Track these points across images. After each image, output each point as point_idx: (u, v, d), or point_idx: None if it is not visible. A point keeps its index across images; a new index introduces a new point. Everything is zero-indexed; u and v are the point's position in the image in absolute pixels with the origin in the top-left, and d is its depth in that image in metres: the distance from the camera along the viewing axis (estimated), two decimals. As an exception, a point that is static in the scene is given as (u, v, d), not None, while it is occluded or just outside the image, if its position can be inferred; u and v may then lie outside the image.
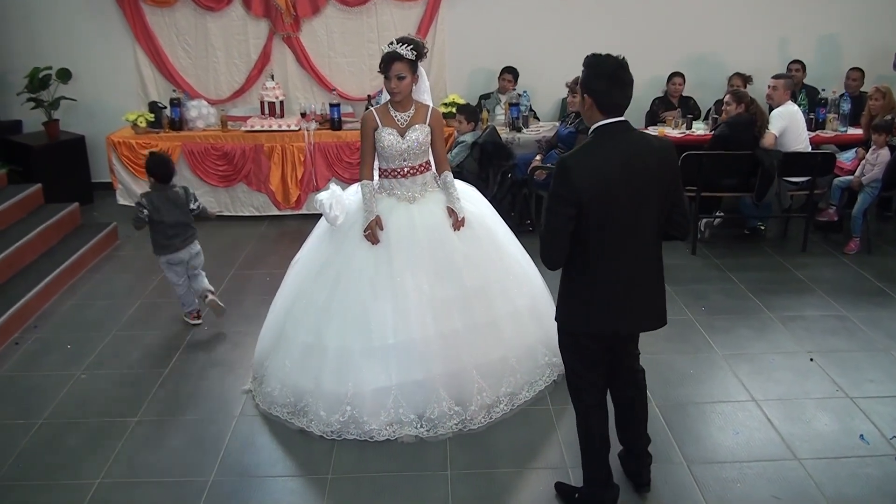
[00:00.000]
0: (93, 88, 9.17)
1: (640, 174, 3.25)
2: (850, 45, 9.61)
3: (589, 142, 3.32)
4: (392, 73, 4.49)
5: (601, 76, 3.27)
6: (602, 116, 3.29)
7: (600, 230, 3.24)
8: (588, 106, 3.32)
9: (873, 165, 7.26)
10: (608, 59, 3.29)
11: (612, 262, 3.31)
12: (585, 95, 3.31)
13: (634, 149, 3.28)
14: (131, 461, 4.28)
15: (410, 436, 4.39)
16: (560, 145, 7.77)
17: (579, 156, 3.27)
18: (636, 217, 3.28)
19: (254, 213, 8.65)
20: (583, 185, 3.17)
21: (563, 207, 3.21)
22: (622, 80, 3.28)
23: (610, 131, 3.29)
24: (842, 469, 4.08)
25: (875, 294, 6.32)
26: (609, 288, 3.35)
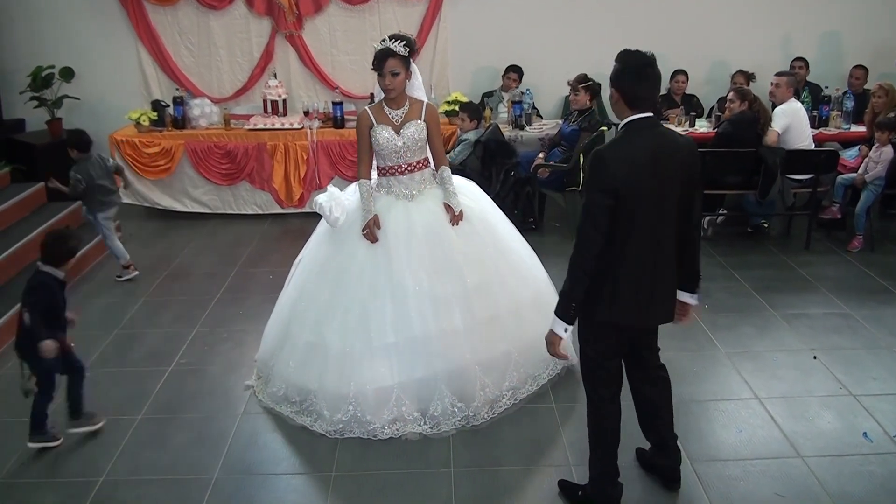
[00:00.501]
0: (96, 87, 9.19)
1: (667, 169, 3.31)
2: (853, 43, 9.61)
3: (619, 136, 3.36)
4: (386, 69, 4.49)
5: (629, 72, 3.32)
6: (630, 112, 3.34)
7: (629, 222, 3.28)
8: (616, 100, 3.36)
9: (876, 163, 7.25)
10: (637, 54, 3.34)
11: (638, 255, 3.35)
12: (613, 90, 3.36)
13: (662, 144, 3.34)
14: (135, 459, 4.29)
15: (414, 433, 4.39)
16: (563, 143, 7.77)
17: (613, 148, 3.33)
18: (661, 210, 3.33)
19: (256, 212, 8.66)
20: (618, 175, 3.22)
21: (602, 198, 3.24)
22: (649, 76, 3.32)
23: (638, 126, 3.33)
24: (845, 467, 4.07)
25: (878, 292, 6.31)
26: (635, 280, 3.37)
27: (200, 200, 8.59)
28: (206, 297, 6.43)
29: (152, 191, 8.50)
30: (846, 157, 7.91)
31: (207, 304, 6.30)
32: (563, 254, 7.09)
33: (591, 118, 7.61)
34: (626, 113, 3.35)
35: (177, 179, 8.49)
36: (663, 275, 3.44)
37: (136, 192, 8.45)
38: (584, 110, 7.63)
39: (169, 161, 8.36)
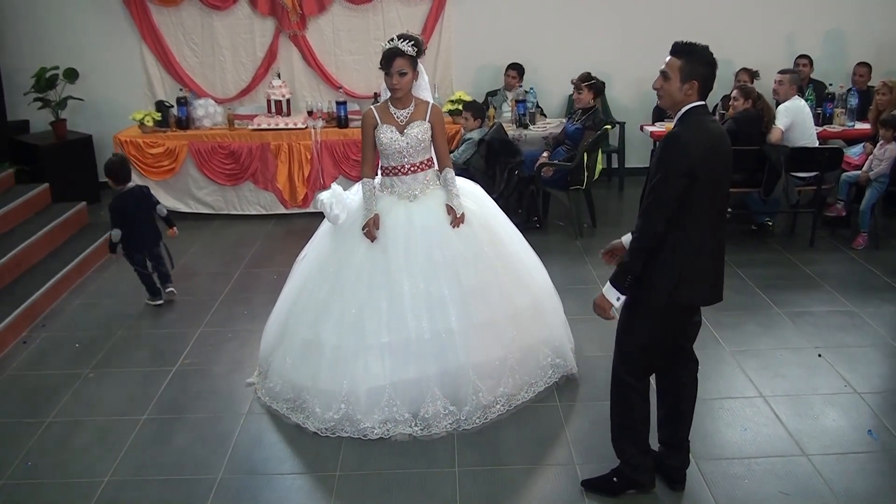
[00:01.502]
0: (100, 88, 9.19)
1: (724, 152, 3.52)
2: (856, 40, 9.58)
3: (689, 122, 3.48)
4: (394, 69, 4.49)
5: (705, 62, 3.47)
6: (697, 99, 3.49)
7: (692, 202, 3.40)
8: (689, 89, 3.46)
9: (881, 160, 7.23)
10: (704, 46, 3.50)
11: (705, 236, 3.49)
12: (695, 81, 3.44)
13: (718, 130, 3.57)
14: (140, 459, 4.29)
15: (404, 434, 4.39)
16: (567, 142, 7.76)
17: (690, 131, 3.44)
18: (723, 192, 3.55)
19: (261, 212, 8.66)
20: (695, 157, 3.36)
21: (679, 179, 3.36)
22: (716, 65, 3.52)
23: (700, 112, 3.50)
24: (850, 464, 4.06)
25: (883, 289, 6.29)
26: (703, 260, 3.51)
27: (204, 201, 8.60)
28: (211, 298, 6.43)
29: (156, 192, 8.39)
30: (850, 154, 7.89)
31: (212, 304, 6.31)
32: (566, 252, 7.22)
33: (595, 116, 7.60)
34: (692, 100, 3.48)
35: (181, 180, 8.50)
36: (718, 256, 3.59)
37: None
38: (588, 109, 7.63)
39: (173, 162, 8.37)
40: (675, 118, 3.54)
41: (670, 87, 3.49)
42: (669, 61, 3.50)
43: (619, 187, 9.41)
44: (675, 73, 3.47)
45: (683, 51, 3.48)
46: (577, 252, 7.29)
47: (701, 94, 3.48)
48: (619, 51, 9.41)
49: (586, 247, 7.39)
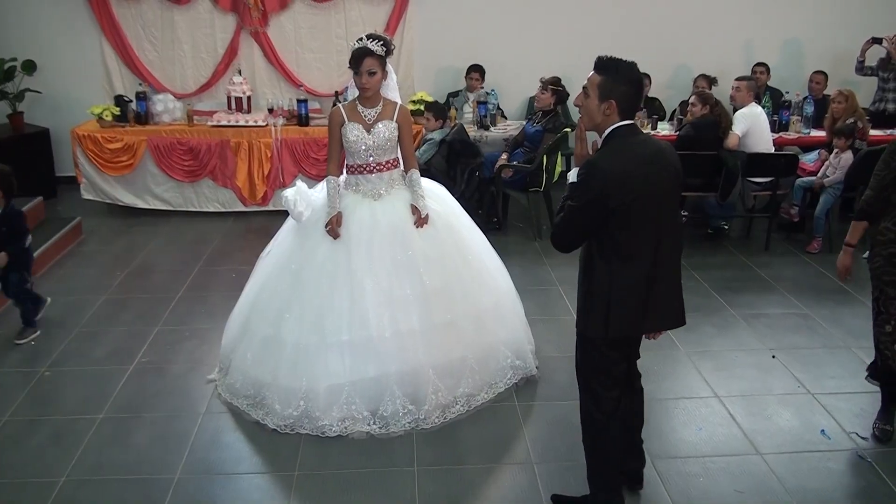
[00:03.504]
0: (58, 81, 9.09)
1: (659, 173, 3.29)
2: (813, 49, 9.77)
3: (612, 144, 3.28)
4: (363, 68, 4.51)
5: (626, 80, 3.27)
6: (619, 119, 3.28)
7: (627, 233, 3.25)
8: (607, 109, 3.26)
9: (835, 168, 7.37)
10: (629, 64, 3.28)
11: (637, 265, 3.30)
12: (612, 101, 3.25)
13: (650, 149, 3.32)
14: (97, 459, 4.24)
15: (362, 432, 4.40)
16: (526, 144, 7.82)
17: (607, 158, 3.24)
18: (660, 217, 3.30)
19: (219, 209, 8.59)
20: (611, 184, 3.17)
21: (592, 209, 3.22)
22: (642, 85, 3.35)
23: (625, 133, 3.28)
24: (803, 463, 4.15)
25: (836, 292, 6.42)
26: (632, 292, 3.32)
27: (163, 197, 8.51)
28: (169, 295, 6.37)
29: (114, 187, 8.40)
30: (805, 160, 8.03)
31: (170, 301, 6.25)
32: (525, 253, 7.26)
33: (555, 120, 7.67)
34: (614, 120, 3.28)
35: (139, 176, 8.40)
36: (666, 281, 3.39)
37: (97, 189, 8.37)
38: (548, 111, 7.68)
39: (131, 157, 8.27)
40: (601, 140, 3.34)
41: (589, 105, 3.30)
42: (591, 77, 3.31)
43: (579, 189, 9.46)
44: (593, 91, 3.28)
45: (604, 66, 3.28)
46: (535, 253, 7.34)
47: (623, 114, 3.27)
48: (580, 55, 9.37)
49: (545, 248, 7.44)
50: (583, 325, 3.45)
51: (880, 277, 4.15)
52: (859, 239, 4.35)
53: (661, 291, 3.37)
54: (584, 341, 3.52)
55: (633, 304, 3.33)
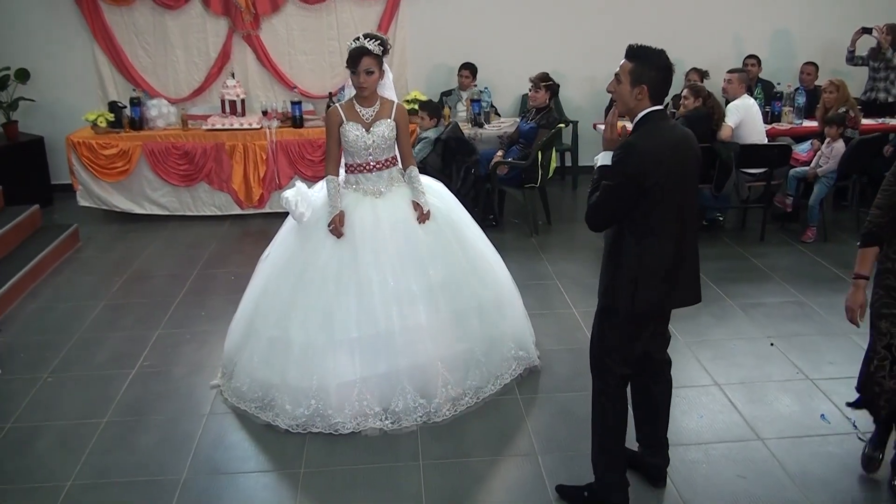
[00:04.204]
0: (52, 89, 9.09)
1: (685, 156, 3.46)
2: (804, 40, 9.83)
3: (646, 127, 3.42)
4: (360, 67, 4.53)
5: (655, 67, 3.41)
6: (650, 104, 3.42)
7: (653, 209, 3.37)
8: (639, 94, 3.40)
9: (828, 158, 7.42)
10: (658, 50, 3.43)
11: (665, 244, 3.44)
12: (644, 86, 3.39)
13: (679, 134, 3.49)
14: (102, 462, 4.25)
15: (375, 429, 4.43)
16: (521, 140, 7.84)
17: (643, 139, 3.39)
18: (684, 199, 3.46)
19: (216, 213, 8.60)
20: (646, 164, 3.31)
21: (628, 189, 3.35)
22: (671, 71, 3.46)
23: (657, 117, 3.44)
24: (804, 448, 4.19)
25: (832, 280, 6.46)
26: (660, 269, 3.46)
27: (159, 202, 8.52)
28: (168, 300, 6.39)
29: (110, 194, 8.41)
30: (798, 151, 8.06)
31: (169, 306, 6.27)
32: (522, 249, 7.29)
33: (549, 116, 7.69)
34: (645, 105, 3.42)
35: (135, 181, 8.40)
36: (690, 258, 3.57)
37: (93, 195, 8.38)
38: (542, 108, 7.71)
39: (126, 163, 8.28)
40: (633, 123, 3.49)
41: (622, 90, 3.46)
42: (622, 64, 3.45)
43: (573, 185, 9.54)
44: (625, 77, 3.43)
45: (635, 54, 3.43)
46: (532, 249, 7.38)
47: (653, 99, 3.41)
48: (572, 51, 9.53)
49: (542, 244, 7.48)
50: (612, 300, 3.53)
51: (878, 311, 3.65)
52: (871, 268, 3.68)
53: (685, 269, 3.55)
54: (604, 318, 3.62)
55: (661, 280, 3.47)
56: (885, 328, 3.60)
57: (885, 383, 3.63)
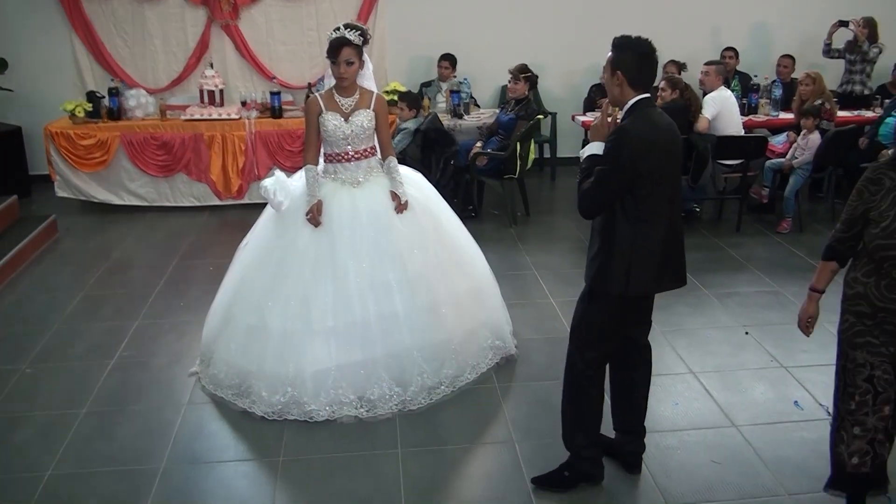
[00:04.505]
0: (29, 78, 9.03)
1: (672, 143, 3.53)
2: (781, 33, 9.92)
3: (636, 113, 3.48)
4: (341, 58, 4.55)
5: (631, 54, 3.48)
6: (633, 93, 3.49)
7: (643, 194, 3.43)
8: (619, 82, 3.49)
9: (804, 150, 7.50)
10: (638, 39, 3.51)
11: (656, 228, 3.51)
12: (618, 72, 3.48)
13: (665, 123, 3.55)
14: (82, 452, 4.26)
15: (350, 416, 4.46)
16: (500, 132, 7.88)
17: (635, 125, 3.45)
18: (671, 184, 3.55)
19: (194, 204, 8.59)
20: (638, 150, 3.38)
21: (623, 174, 3.41)
22: (651, 59, 3.51)
23: (646, 105, 3.51)
24: (778, 433, 4.25)
25: (807, 270, 6.50)
26: (651, 252, 3.52)
27: (137, 193, 8.50)
28: (147, 290, 6.38)
29: (88, 184, 8.38)
30: (775, 142, 8.15)
31: (148, 296, 6.26)
32: (501, 240, 7.33)
33: (528, 107, 7.73)
34: (629, 94, 3.50)
35: (113, 172, 8.38)
36: (676, 242, 3.63)
37: (71, 186, 8.35)
38: (521, 99, 7.75)
39: (105, 153, 8.25)
40: (622, 112, 3.55)
41: (607, 79, 3.58)
42: (608, 55, 3.55)
43: (552, 176, 9.59)
44: (608, 66, 3.53)
45: (615, 44, 3.53)
46: (511, 239, 7.42)
47: (634, 86, 3.47)
48: (551, 42, 9.56)
49: (520, 234, 7.52)
50: (603, 283, 3.58)
51: (851, 340, 3.30)
52: (828, 283, 3.52)
53: (673, 252, 3.61)
54: (592, 299, 3.68)
55: (653, 263, 3.54)
56: (862, 358, 3.26)
57: (867, 421, 3.25)
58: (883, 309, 3.18)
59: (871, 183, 3.18)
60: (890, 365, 3.23)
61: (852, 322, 3.29)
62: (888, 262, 3.12)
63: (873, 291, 3.19)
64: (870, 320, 3.22)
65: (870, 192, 3.18)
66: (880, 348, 3.22)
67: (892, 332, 3.19)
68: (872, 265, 3.20)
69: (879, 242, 3.12)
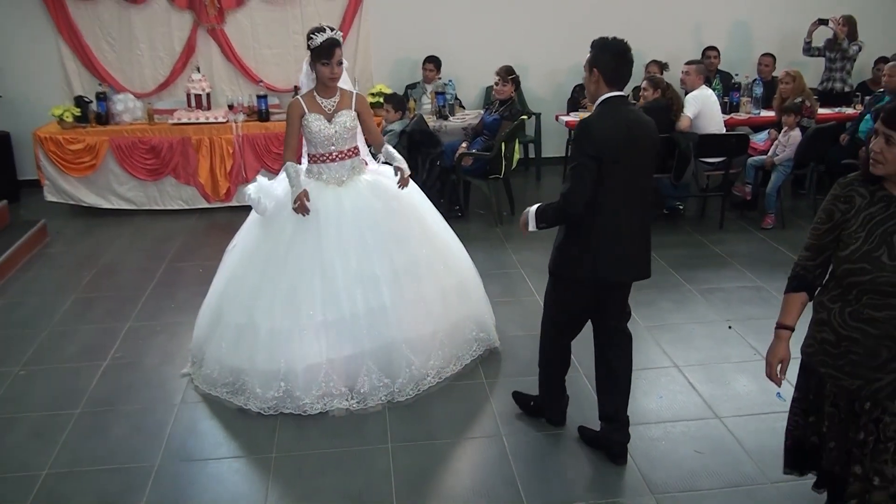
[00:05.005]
0: (17, 84, 9.07)
1: (639, 139, 3.74)
2: (761, 32, 10.06)
3: (600, 110, 3.75)
4: (335, 58, 4.62)
5: (609, 53, 3.72)
6: (608, 89, 3.73)
7: (606, 185, 3.66)
8: (596, 78, 3.73)
9: (785, 146, 7.62)
10: (615, 40, 3.75)
11: (613, 217, 3.74)
12: (595, 69, 3.72)
13: (634, 118, 3.78)
14: (77, 452, 4.30)
15: (341, 409, 4.54)
16: (485, 132, 7.95)
17: (596, 120, 3.70)
18: (634, 177, 3.74)
19: (183, 207, 8.64)
20: (601, 142, 3.62)
21: (588, 160, 3.63)
22: (626, 58, 3.74)
23: (615, 102, 3.74)
24: (760, 424, 4.34)
25: (789, 265, 6.37)
26: (611, 240, 3.76)
27: (126, 197, 8.54)
28: (137, 292, 6.43)
29: (77, 188, 8.42)
30: (756, 140, 8.26)
31: (139, 298, 6.31)
32: (488, 239, 7.40)
33: (512, 108, 7.81)
34: (603, 90, 3.74)
35: (101, 176, 8.42)
36: (638, 235, 3.84)
37: (60, 190, 8.38)
38: (506, 100, 7.83)
39: (93, 158, 8.30)
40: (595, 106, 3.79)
41: (586, 77, 3.79)
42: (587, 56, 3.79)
43: (536, 176, 9.68)
44: (586, 65, 3.77)
45: (592, 44, 3.78)
46: (497, 239, 7.50)
47: (610, 84, 3.72)
48: (534, 43, 9.65)
49: (506, 233, 7.60)
50: (563, 268, 3.91)
51: (814, 369, 3.12)
52: (797, 318, 3.16)
53: (636, 244, 3.83)
54: (557, 282, 4.04)
55: (615, 253, 3.77)
56: (827, 391, 3.10)
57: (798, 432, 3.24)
58: (847, 338, 2.93)
59: (842, 201, 2.91)
60: (847, 402, 3.02)
61: (816, 350, 3.07)
62: (856, 288, 2.87)
63: (837, 318, 2.95)
64: (833, 348, 2.99)
65: (841, 212, 2.91)
66: (842, 381, 2.99)
67: (857, 363, 2.93)
68: (839, 290, 2.96)
69: (847, 267, 2.87)
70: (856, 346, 2.91)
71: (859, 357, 2.91)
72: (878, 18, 9.84)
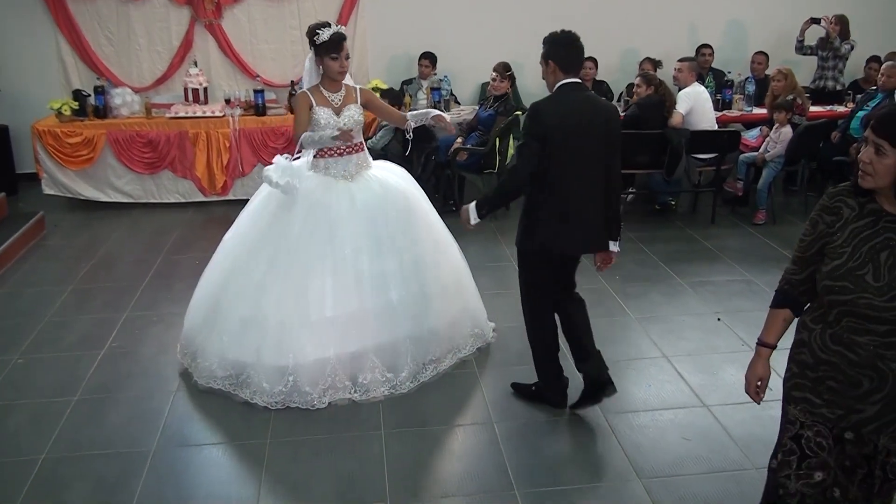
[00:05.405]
0: (15, 78, 9.10)
1: (591, 123, 4.02)
2: (754, 30, 10.12)
3: (554, 94, 4.08)
4: (344, 52, 4.70)
5: (561, 44, 4.05)
6: (564, 76, 4.05)
7: (555, 165, 3.97)
8: (552, 69, 4.05)
9: (776, 143, 7.70)
10: (564, 31, 4.09)
11: (561, 194, 4.04)
12: (550, 61, 4.05)
13: (587, 103, 4.10)
14: (74, 437, 4.35)
15: (344, 399, 4.59)
16: (480, 128, 8.02)
17: (547, 102, 4.06)
18: (582, 158, 4.02)
19: (179, 200, 8.69)
20: (549, 124, 3.94)
21: (532, 141, 3.97)
22: (576, 46, 4.08)
23: (569, 87, 4.05)
24: (747, 412, 4.39)
25: (779, 260, 6.70)
26: (558, 215, 4.07)
27: (123, 190, 8.59)
28: (135, 284, 6.48)
29: (75, 181, 8.47)
30: (748, 137, 8.35)
31: (136, 290, 6.36)
32: (481, 233, 7.50)
33: (507, 103, 7.89)
34: (560, 78, 4.05)
35: (99, 169, 8.47)
36: (585, 212, 4.11)
37: (58, 183, 8.43)
38: (501, 96, 7.90)
39: (91, 151, 8.35)
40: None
41: (543, 70, 4.12)
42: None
43: (532, 171, 9.70)
44: (542, 59, 4.11)
45: (545, 40, 4.11)
46: (491, 232, 7.55)
47: (565, 72, 4.03)
48: (529, 39, 9.58)
49: (500, 228, 7.65)
50: (519, 242, 4.26)
51: (789, 393, 2.91)
52: (780, 336, 2.98)
53: (584, 219, 4.13)
54: (519, 257, 4.34)
55: (558, 225, 4.09)
56: (793, 415, 2.86)
57: (789, 485, 2.81)
58: (826, 362, 2.69)
59: (828, 213, 2.66)
60: (828, 429, 2.74)
61: (794, 373, 2.85)
62: (837, 307, 2.63)
63: (817, 340, 2.72)
64: (812, 372, 2.76)
65: (826, 224, 2.66)
66: (821, 409, 2.74)
67: (836, 391, 2.69)
68: (822, 310, 2.73)
69: (828, 283, 2.62)
70: (834, 371, 2.67)
71: (838, 385, 2.67)
72: (869, 18, 9.89)
